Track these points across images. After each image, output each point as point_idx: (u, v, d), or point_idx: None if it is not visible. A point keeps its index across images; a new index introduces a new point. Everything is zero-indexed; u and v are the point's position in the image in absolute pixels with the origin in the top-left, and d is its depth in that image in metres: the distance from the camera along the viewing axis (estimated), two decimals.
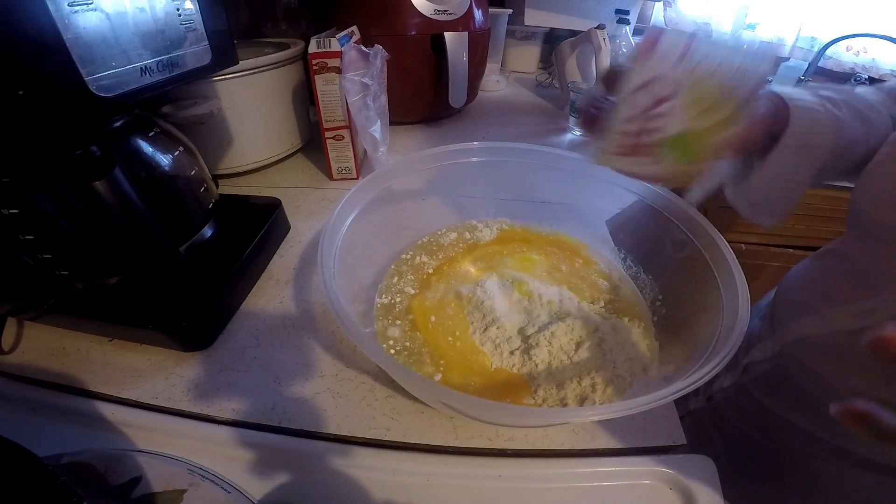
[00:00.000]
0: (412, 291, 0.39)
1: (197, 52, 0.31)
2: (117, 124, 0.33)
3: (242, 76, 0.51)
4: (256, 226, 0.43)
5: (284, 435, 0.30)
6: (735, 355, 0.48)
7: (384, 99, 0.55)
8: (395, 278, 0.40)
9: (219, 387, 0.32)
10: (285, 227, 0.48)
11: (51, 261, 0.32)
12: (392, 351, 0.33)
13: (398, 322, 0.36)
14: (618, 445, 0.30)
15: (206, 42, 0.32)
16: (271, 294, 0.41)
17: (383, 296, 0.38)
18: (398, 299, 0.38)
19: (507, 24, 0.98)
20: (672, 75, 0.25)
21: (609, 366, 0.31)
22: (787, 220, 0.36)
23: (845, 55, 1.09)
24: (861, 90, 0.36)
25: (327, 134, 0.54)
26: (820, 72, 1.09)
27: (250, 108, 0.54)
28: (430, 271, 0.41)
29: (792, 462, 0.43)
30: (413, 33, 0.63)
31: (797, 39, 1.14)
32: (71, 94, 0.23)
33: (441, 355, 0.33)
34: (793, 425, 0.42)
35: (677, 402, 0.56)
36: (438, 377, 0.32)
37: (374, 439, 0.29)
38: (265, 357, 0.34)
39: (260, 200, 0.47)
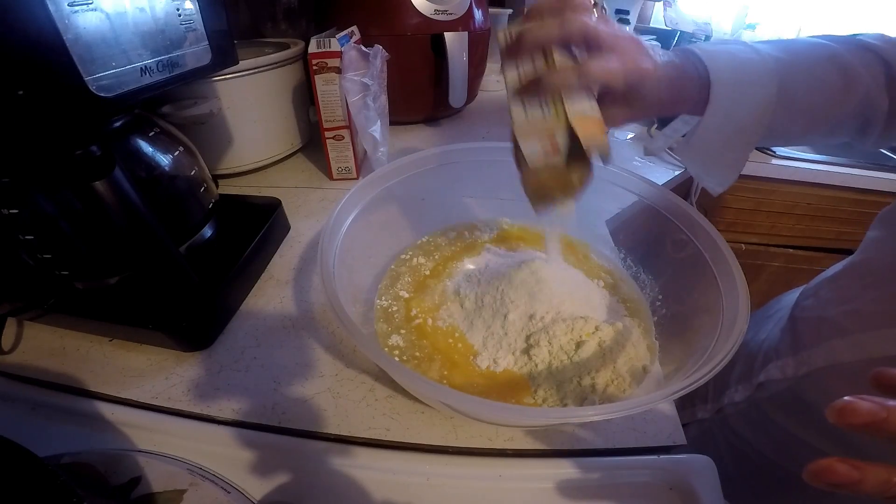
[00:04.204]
0: (412, 292, 0.39)
1: (197, 52, 0.31)
2: (117, 124, 0.33)
3: (242, 76, 0.51)
4: (256, 226, 0.43)
5: (284, 435, 0.30)
6: (750, 368, 0.47)
7: (384, 99, 0.55)
8: (395, 278, 0.40)
9: (219, 387, 0.32)
10: (285, 227, 0.48)
11: (51, 261, 0.32)
12: (395, 359, 0.33)
13: (401, 331, 0.36)
14: (618, 445, 0.30)
15: (206, 42, 0.32)
16: (271, 294, 0.41)
17: (383, 297, 0.38)
18: (398, 300, 0.38)
19: (508, 24, 0.98)
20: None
21: (609, 366, 0.31)
22: (735, 183, 0.35)
23: None
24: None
25: (327, 134, 0.54)
26: None
27: (250, 108, 0.54)
28: (428, 273, 0.41)
29: (804, 481, 0.42)
30: (413, 33, 0.63)
31: None
32: (71, 94, 0.23)
33: (442, 356, 0.33)
34: (809, 445, 0.40)
35: (683, 409, 0.56)
36: (443, 381, 0.32)
37: (374, 439, 0.29)
38: (265, 357, 0.34)
39: (260, 200, 0.47)
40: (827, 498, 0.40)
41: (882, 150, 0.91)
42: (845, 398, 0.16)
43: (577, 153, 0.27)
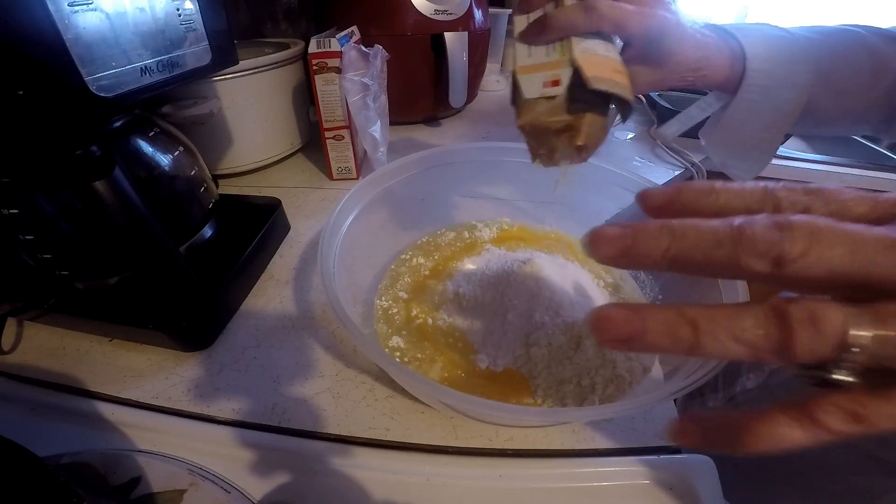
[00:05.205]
0: (412, 292, 0.39)
1: (197, 52, 0.31)
2: (117, 124, 0.33)
3: (242, 76, 0.51)
4: (256, 226, 0.43)
5: (284, 435, 0.30)
6: None
7: (384, 99, 0.55)
8: (395, 278, 0.40)
9: (219, 387, 0.32)
10: (285, 227, 0.48)
11: (51, 261, 0.32)
12: (395, 359, 0.33)
13: (402, 332, 0.36)
14: (618, 445, 0.30)
15: (206, 42, 0.32)
16: (271, 294, 0.41)
17: (383, 297, 0.38)
18: (398, 300, 0.38)
19: (508, 24, 0.98)
20: None
21: (609, 366, 0.31)
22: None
23: None
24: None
25: (327, 134, 0.54)
26: None
27: (250, 108, 0.54)
28: (428, 273, 0.41)
29: (819, 467, 0.41)
30: (413, 33, 0.63)
31: None
32: (71, 94, 0.23)
33: (442, 357, 0.33)
34: None
35: (692, 399, 0.56)
36: (443, 381, 0.32)
37: (374, 439, 0.29)
38: (265, 357, 0.34)
39: (260, 200, 0.47)
40: (844, 487, 0.40)
41: (882, 150, 0.91)
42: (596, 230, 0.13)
43: (587, 99, 0.24)
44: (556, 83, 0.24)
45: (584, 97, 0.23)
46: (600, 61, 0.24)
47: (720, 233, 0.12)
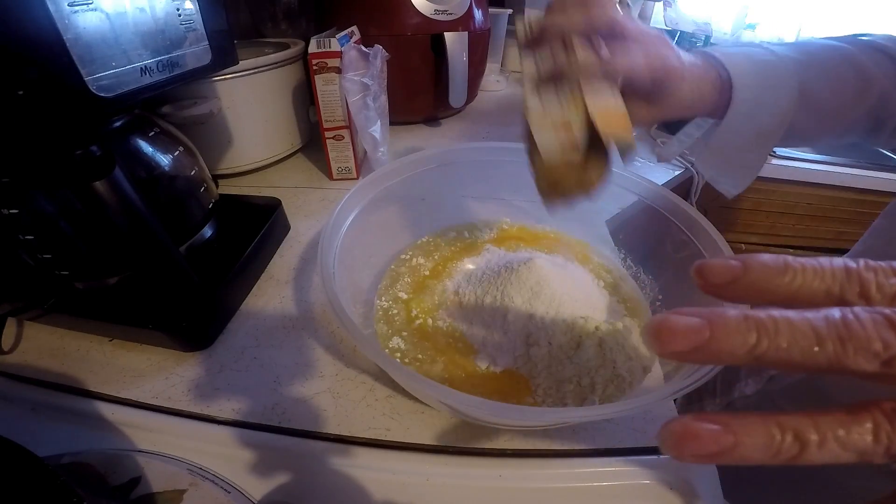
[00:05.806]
0: (412, 292, 0.39)
1: (197, 52, 0.31)
2: (117, 124, 0.33)
3: (242, 76, 0.51)
4: (256, 226, 0.43)
5: (284, 435, 0.30)
6: None
7: (384, 99, 0.55)
8: (395, 279, 0.40)
9: (219, 387, 0.32)
10: (285, 227, 0.48)
11: (51, 261, 0.32)
12: (397, 360, 0.33)
13: (403, 333, 0.36)
14: (618, 445, 0.30)
15: (206, 42, 0.32)
16: (271, 294, 0.41)
17: (383, 297, 0.38)
18: (398, 301, 0.38)
19: (508, 24, 0.98)
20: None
21: (609, 366, 0.31)
22: (750, 189, 0.36)
23: None
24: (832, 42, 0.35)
25: (327, 134, 0.54)
26: None
27: (250, 108, 0.54)
28: (428, 273, 0.41)
29: (818, 470, 0.41)
30: (413, 33, 0.63)
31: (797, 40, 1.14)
32: (71, 94, 0.23)
33: (443, 358, 0.33)
34: None
35: (691, 403, 0.56)
36: (443, 381, 0.32)
37: (374, 439, 0.29)
38: (265, 357, 0.34)
39: (260, 200, 0.47)
40: (840, 491, 0.40)
41: (882, 150, 0.91)
42: (663, 315, 0.12)
43: (595, 148, 0.26)
44: (570, 137, 0.26)
45: (593, 144, 0.26)
46: (611, 114, 0.26)
47: (820, 329, 0.10)
